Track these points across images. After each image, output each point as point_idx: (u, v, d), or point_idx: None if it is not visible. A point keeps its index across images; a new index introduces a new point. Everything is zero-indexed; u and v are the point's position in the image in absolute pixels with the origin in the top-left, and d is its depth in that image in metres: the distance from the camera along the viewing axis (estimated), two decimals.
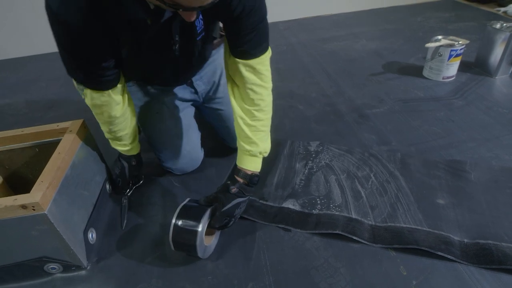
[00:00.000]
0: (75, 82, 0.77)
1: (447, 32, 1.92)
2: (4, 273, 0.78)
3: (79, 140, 0.86)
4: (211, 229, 0.79)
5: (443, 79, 1.52)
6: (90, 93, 0.75)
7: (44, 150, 0.90)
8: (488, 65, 1.53)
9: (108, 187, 1.00)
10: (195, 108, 1.10)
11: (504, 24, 1.46)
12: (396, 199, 0.93)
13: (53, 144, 0.86)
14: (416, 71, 1.63)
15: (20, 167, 0.93)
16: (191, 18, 0.59)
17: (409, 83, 1.54)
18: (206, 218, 0.76)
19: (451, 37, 1.49)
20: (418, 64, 1.67)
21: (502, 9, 2.29)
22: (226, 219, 0.79)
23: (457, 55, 1.46)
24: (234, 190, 0.79)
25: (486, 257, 0.76)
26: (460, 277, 0.74)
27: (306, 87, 1.58)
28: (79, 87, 0.77)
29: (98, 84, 0.74)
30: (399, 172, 1.02)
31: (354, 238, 0.82)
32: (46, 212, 0.67)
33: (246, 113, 0.81)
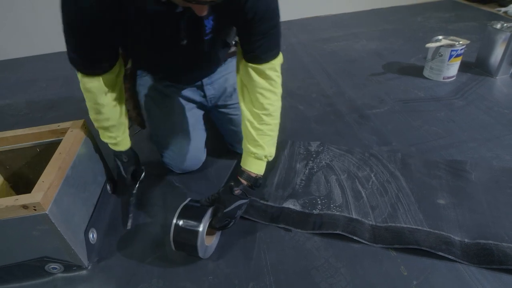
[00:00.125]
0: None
1: (447, 32, 1.92)
2: (5, 273, 0.78)
3: (80, 140, 0.86)
4: (212, 229, 0.79)
5: (443, 79, 1.52)
6: (81, 76, 0.76)
7: (45, 150, 0.90)
8: (488, 65, 1.53)
9: (109, 187, 1.00)
10: (204, 111, 1.10)
11: (505, 24, 1.46)
12: (396, 199, 0.93)
13: (54, 144, 0.86)
14: (416, 71, 1.63)
15: (21, 167, 0.93)
16: (203, 12, 0.60)
17: (409, 83, 1.54)
18: (207, 218, 0.76)
19: (452, 37, 1.49)
20: (419, 64, 1.67)
21: (503, 9, 2.29)
22: (227, 220, 0.79)
23: (457, 55, 1.46)
24: (237, 192, 0.79)
25: (486, 257, 0.76)
26: (460, 277, 0.74)
27: (306, 87, 1.58)
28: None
29: (90, 69, 0.75)
30: (400, 172, 1.02)
31: (354, 238, 0.82)
32: (47, 212, 0.67)
33: (254, 116, 0.81)
